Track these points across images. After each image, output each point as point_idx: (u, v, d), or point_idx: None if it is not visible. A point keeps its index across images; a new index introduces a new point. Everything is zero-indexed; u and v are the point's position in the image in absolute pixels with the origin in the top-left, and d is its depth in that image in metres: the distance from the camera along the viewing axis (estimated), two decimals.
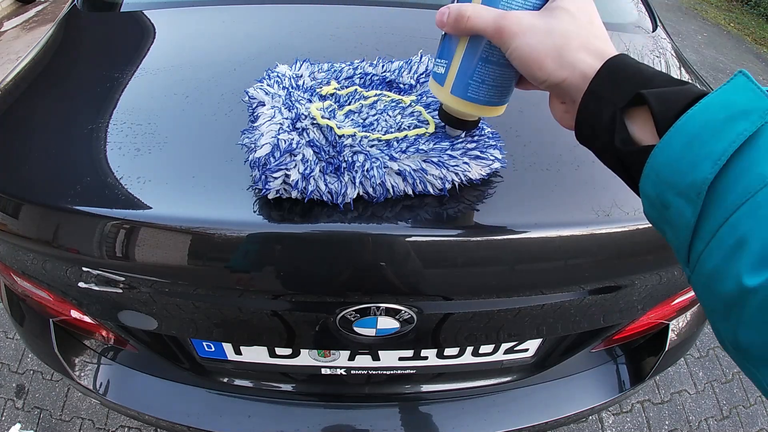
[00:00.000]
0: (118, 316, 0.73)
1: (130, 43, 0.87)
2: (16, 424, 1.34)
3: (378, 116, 0.64)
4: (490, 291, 0.67)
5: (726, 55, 4.24)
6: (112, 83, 0.75)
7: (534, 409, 0.95)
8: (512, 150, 0.67)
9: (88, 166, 0.63)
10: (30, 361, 1.48)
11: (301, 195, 0.57)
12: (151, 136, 0.66)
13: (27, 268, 0.72)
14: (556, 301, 0.70)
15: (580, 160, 0.69)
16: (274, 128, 0.57)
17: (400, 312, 0.67)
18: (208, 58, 0.82)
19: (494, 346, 0.86)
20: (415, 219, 0.59)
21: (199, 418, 0.90)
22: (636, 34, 1.06)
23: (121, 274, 0.64)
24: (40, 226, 0.62)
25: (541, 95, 0.44)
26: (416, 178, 0.58)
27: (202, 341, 0.82)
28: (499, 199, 0.62)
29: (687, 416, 1.52)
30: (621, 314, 0.79)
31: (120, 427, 1.36)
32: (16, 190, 0.62)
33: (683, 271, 0.34)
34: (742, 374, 1.63)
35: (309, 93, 0.66)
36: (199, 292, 0.66)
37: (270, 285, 0.63)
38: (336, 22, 0.92)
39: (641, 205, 0.34)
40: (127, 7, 0.97)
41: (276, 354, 0.84)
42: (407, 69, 0.73)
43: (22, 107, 0.76)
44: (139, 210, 0.58)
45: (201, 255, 0.59)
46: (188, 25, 0.92)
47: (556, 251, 0.63)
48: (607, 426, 1.47)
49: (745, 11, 5.64)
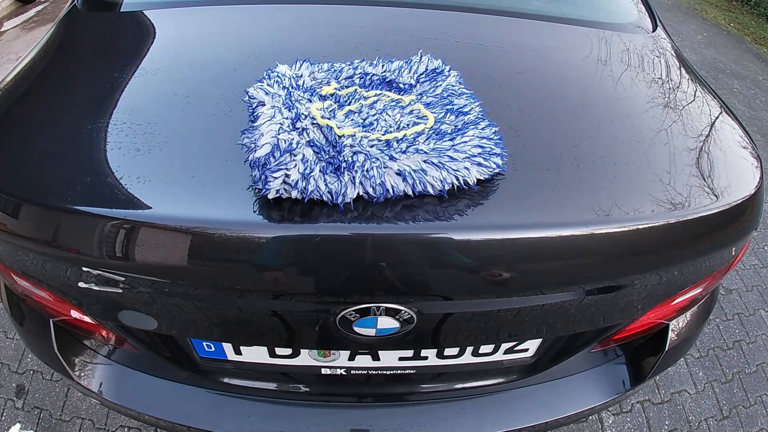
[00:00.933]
0: (118, 316, 0.73)
1: (130, 43, 0.87)
2: (16, 424, 1.34)
3: (378, 116, 0.64)
4: (490, 291, 0.67)
5: (726, 55, 4.24)
6: (112, 83, 0.75)
7: (534, 409, 0.95)
8: (512, 150, 0.67)
9: (88, 166, 0.63)
10: (30, 361, 1.48)
11: (301, 195, 0.57)
12: (151, 136, 0.66)
13: (27, 268, 0.72)
14: (556, 301, 0.70)
15: (580, 160, 0.70)
16: (274, 128, 0.57)
17: (400, 312, 0.67)
18: (208, 58, 0.82)
19: (494, 346, 0.86)
20: (415, 219, 0.59)
21: (199, 418, 0.90)
22: (636, 34, 1.06)
23: (121, 274, 0.64)
24: (40, 226, 0.62)
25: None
26: (416, 178, 0.58)
27: (202, 341, 0.82)
28: (499, 199, 0.62)
29: (687, 416, 1.52)
30: (621, 314, 0.79)
31: (120, 427, 1.36)
32: (16, 190, 0.62)
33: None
34: (742, 374, 1.63)
35: (309, 93, 0.66)
36: (199, 292, 0.66)
37: (270, 285, 0.63)
38: (336, 22, 0.92)
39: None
40: (127, 7, 0.96)
41: (276, 354, 0.84)
42: (407, 69, 0.73)
43: (22, 107, 0.76)
44: (139, 210, 0.58)
45: (201, 255, 0.59)
46: (188, 25, 0.92)
47: (556, 251, 0.63)
48: (607, 426, 1.47)
49: (745, 11, 5.63)
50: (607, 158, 0.71)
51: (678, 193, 0.68)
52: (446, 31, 0.95)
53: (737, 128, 0.87)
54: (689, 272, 0.75)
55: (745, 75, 3.88)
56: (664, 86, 0.91)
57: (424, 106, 0.66)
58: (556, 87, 0.84)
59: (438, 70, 0.74)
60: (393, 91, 0.70)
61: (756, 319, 1.83)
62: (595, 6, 1.16)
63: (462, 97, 0.69)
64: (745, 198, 0.71)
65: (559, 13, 1.06)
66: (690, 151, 0.76)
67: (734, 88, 3.61)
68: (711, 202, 0.69)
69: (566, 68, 0.91)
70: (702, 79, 0.99)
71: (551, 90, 0.83)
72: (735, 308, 1.85)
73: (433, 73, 0.73)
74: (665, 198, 0.66)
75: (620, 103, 0.84)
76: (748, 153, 0.82)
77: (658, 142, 0.76)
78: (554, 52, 0.95)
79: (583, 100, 0.83)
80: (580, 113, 0.79)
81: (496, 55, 0.91)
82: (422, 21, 0.96)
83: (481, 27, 0.98)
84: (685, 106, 0.87)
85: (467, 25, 0.98)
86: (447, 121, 0.65)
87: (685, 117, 0.84)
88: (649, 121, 0.80)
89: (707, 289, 0.89)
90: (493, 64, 0.88)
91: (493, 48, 0.93)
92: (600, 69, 0.91)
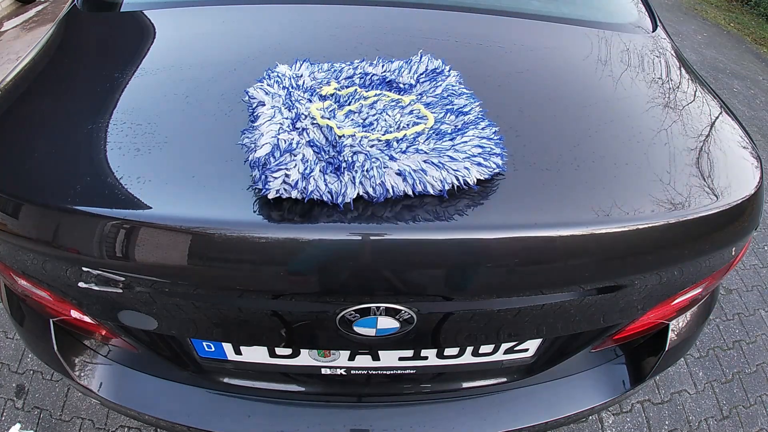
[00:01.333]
0: (118, 316, 0.73)
1: (130, 43, 0.87)
2: (16, 424, 1.34)
3: (378, 116, 0.64)
4: (490, 291, 0.67)
5: (726, 55, 4.24)
6: (112, 83, 0.75)
7: (534, 409, 0.95)
8: (512, 150, 0.67)
9: (88, 166, 0.63)
10: (30, 361, 1.48)
11: (301, 195, 0.57)
12: (151, 136, 0.66)
13: (27, 268, 0.72)
14: (556, 301, 0.70)
15: (580, 160, 0.69)
16: (274, 128, 0.57)
17: (400, 312, 0.67)
18: (208, 58, 0.82)
19: (494, 346, 0.86)
20: (415, 219, 0.59)
21: (199, 418, 0.90)
22: (636, 34, 1.06)
23: (121, 274, 0.64)
24: (40, 226, 0.62)
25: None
26: (416, 178, 0.58)
27: (202, 341, 0.82)
28: (499, 199, 0.62)
29: (687, 416, 1.52)
30: (621, 314, 0.79)
31: (120, 427, 1.36)
32: (16, 190, 0.62)
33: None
34: (742, 374, 1.63)
35: (309, 93, 0.66)
36: (199, 292, 0.66)
37: (270, 285, 0.63)
38: (336, 22, 0.92)
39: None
40: (127, 7, 0.96)
41: (276, 354, 0.84)
42: (407, 69, 0.73)
43: (23, 107, 0.76)
44: (139, 210, 0.58)
45: (201, 255, 0.59)
46: (188, 25, 0.92)
47: (556, 251, 0.63)
48: (607, 426, 1.47)
49: (745, 11, 5.63)
50: (607, 158, 0.71)
51: (678, 193, 0.68)
52: (446, 31, 0.95)
53: (737, 128, 0.87)
54: (689, 272, 0.75)
55: (745, 75, 3.88)
56: (664, 86, 0.91)
57: (424, 106, 0.66)
58: (556, 87, 0.84)
59: (438, 70, 0.74)
60: (393, 91, 0.70)
61: (756, 319, 1.83)
62: (595, 6, 1.16)
63: (462, 97, 0.69)
64: (745, 198, 0.71)
65: (559, 13, 1.06)
66: (690, 151, 0.76)
67: (734, 88, 3.61)
68: (711, 202, 0.69)
69: (566, 68, 0.91)
70: (702, 79, 0.99)
71: (551, 90, 0.83)
72: (735, 308, 1.85)
73: (433, 73, 0.73)
74: (665, 198, 0.66)
75: (620, 103, 0.84)
76: (748, 153, 0.82)
77: (658, 142, 0.76)
78: (554, 52, 0.95)
79: (583, 100, 0.83)
80: (580, 113, 0.79)
81: (496, 55, 0.91)
82: (422, 21, 0.96)
83: (481, 27, 0.98)
84: (685, 106, 0.87)
85: (467, 25, 0.98)
86: (447, 121, 0.65)
87: (685, 117, 0.84)
88: (649, 121, 0.80)
89: (707, 289, 0.89)
90: (493, 64, 0.88)
91: (493, 48, 0.93)
92: (600, 69, 0.91)
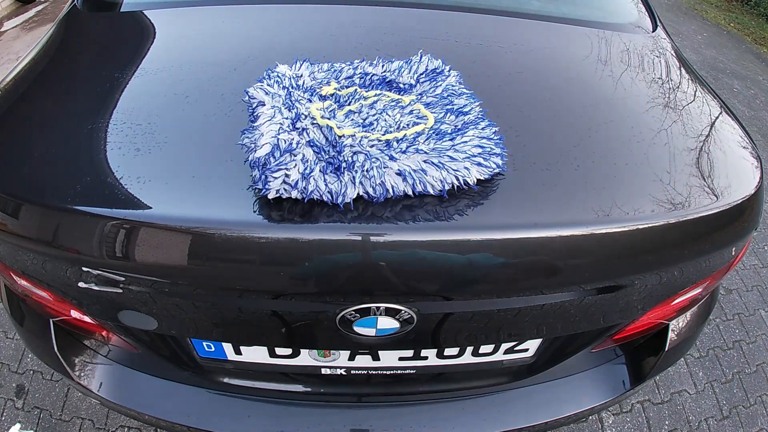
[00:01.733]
0: (118, 316, 0.73)
1: (130, 43, 0.87)
2: (16, 424, 1.34)
3: (378, 116, 0.64)
4: (490, 291, 0.67)
5: (726, 55, 4.24)
6: (112, 83, 0.75)
7: (534, 409, 0.95)
8: (512, 150, 0.67)
9: (88, 166, 0.63)
10: (30, 361, 1.48)
11: (301, 195, 0.57)
12: (151, 136, 0.66)
13: (27, 268, 0.72)
14: (556, 301, 0.70)
15: (580, 160, 0.69)
16: (274, 128, 0.57)
17: (400, 312, 0.67)
18: (208, 58, 0.82)
19: (494, 346, 0.86)
20: (415, 219, 0.59)
21: (199, 418, 0.90)
22: (636, 34, 1.06)
23: (121, 274, 0.64)
24: (40, 226, 0.62)
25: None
26: (416, 178, 0.58)
27: (202, 341, 0.82)
28: (499, 198, 0.62)
29: (687, 416, 1.52)
30: (621, 314, 0.79)
31: (120, 427, 1.36)
32: (16, 190, 0.62)
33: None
34: (742, 374, 1.63)
35: (309, 93, 0.66)
36: (199, 292, 0.66)
37: (270, 285, 0.63)
38: (336, 22, 0.92)
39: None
40: (127, 7, 0.96)
41: (276, 354, 0.84)
42: (407, 69, 0.73)
43: (23, 107, 0.76)
44: (139, 210, 0.58)
45: (201, 255, 0.59)
46: (188, 25, 0.92)
47: (556, 251, 0.63)
48: (607, 426, 1.47)
49: (745, 11, 5.63)
50: (607, 158, 0.71)
51: (678, 193, 0.68)
52: (446, 31, 0.95)
53: (737, 128, 0.87)
54: (689, 272, 0.75)
55: (745, 75, 3.88)
56: (664, 86, 0.91)
57: (424, 106, 0.66)
58: (556, 87, 0.84)
59: (438, 70, 0.74)
60: (393, 91, 0.70)
61: (756, 319, 1.83)
62: (595, 6, 1.16)
63: (462, 97, 0.69)
64: (745, 198, 0.71)
65: (559, 13, 1.06)
66: (690, 151, 0.76)
67: (734, 88, 3.61)
68: (711, 202, 0.69)
69: (566, 68, 0.91)
70: (702, 79, 0.99)
71: (551, 90, 0.83)
72: (735, 308, 1.85)
73: (433, 73, 0.73)
74: (665, 198, 0.66)
75: (620, 103, 0.84)
76: (748, 153, 0.82)
77: (658, 142, 0.76)
78: (554, 52, 0.95)
79: (583, 100, 0.83)
80: (580, 113, 0.79)
81: (496, 55, 0.91)
82: (422, 21, 0.96)
83: (481, 27, 0.98)
84: (685, 106, 0.87)
85: (467, 25, 0.98)
86: (447, 121, 0.65)
87: (685, 117, 0.84)
88: (649, 121, 0.80)
89: (707, 289, 0.89)
90: (493, 64, 0.88)
91: (493, 48, 0.93)
92: (600, 69, 0.91)
